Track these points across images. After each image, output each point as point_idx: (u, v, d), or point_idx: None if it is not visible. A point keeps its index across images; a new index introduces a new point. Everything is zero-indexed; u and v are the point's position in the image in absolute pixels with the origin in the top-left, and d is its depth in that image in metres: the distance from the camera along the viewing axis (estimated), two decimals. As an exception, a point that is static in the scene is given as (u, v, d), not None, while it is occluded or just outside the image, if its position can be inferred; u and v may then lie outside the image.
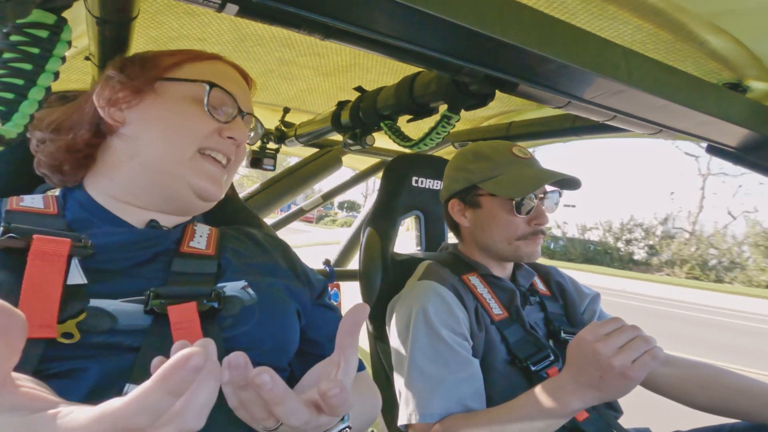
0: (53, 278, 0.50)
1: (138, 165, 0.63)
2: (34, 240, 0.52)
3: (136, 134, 0.63)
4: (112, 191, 0.64)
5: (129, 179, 0.63)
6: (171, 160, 0.62)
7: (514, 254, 1.01)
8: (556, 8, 0.70)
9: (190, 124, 0.63)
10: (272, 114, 1.54)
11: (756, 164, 0.85)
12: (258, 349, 0.58)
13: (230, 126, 0.66)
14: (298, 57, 1.06)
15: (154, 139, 0.62)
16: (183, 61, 0.66)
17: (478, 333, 0.94)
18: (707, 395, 0.95)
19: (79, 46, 0.89)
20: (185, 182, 0.63)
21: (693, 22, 0.68)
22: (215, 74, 0.67)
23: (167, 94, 0.64)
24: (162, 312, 0.53)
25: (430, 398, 0.85)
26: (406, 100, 0.88)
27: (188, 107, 0.63)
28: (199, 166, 0.64)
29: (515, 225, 0.99)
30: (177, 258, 0.61)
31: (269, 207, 1.75)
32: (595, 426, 0.89)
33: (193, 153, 0.63)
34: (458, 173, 1.06)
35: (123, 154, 0.63)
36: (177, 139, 0.63)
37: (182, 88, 0.64)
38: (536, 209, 0.99)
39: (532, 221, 0.99)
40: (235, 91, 0.67)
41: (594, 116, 0.80)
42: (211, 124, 0.64)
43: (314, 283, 0.74)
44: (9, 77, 0.46)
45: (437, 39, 0.51)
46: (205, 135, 0.64)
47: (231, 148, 0.67)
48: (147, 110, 0.63)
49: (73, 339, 0.47)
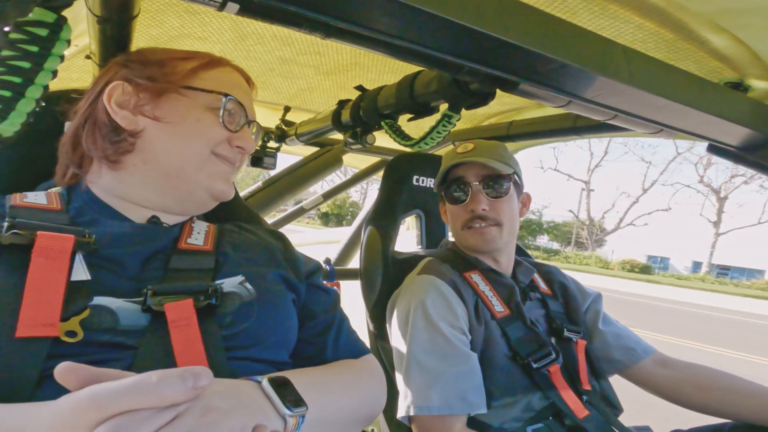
0: (57, 275, 0.50)
1: (152, 169, 0.63)
2: (38, 236, 0.52)
3: (151, 139, 0.63)
4: (118, 191, 0.64)
5: (141, 182, 0.64)
6: (187, 166, 0.64)
7: (467, 245, 1.07)
8: (557, 7, 0.70)
9: (206, 131, 0.65)
10: (273, 113, 1.54)
11: (757, 164, 0.85)
12: (259, 345, 0.58)
13: (239, 135, 0.68)
14: (298, 56, 1.06)
15: (171, 145, 0.63)
16: (198, 69, 0.67)
17: (477, 327, 0.94)
18: (703, 396, 0.97)
19: (79, 45, 0.89)
20: (201, 186, 0.66)
21: (694, 21, 0.68)
22: (228, 83, 0.69)
23: (186, 102, 0.65)
24: (159, 309, 0.53)
25: (429, 391, 0.86)
26: (406, 99, 0.88)
27: (204, 115, 0.65)
28: (214, 168, 0.66)
29: (457, 215, 1.06)
30: (175, 255, 0.61)
31: (270, 206, 1.75)
32: (596, 424, 0.89)
33: (207, 157, 0.65)
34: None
35: (136, 158, 0.64)
36: (194, 146, 0.64)
37: (200, 96, 0.65)
38: (472, 197, 1.03)
39: (467, 207, 1.04)
40: (245, 100, 0.69)
41: (595, 115, 0.80)
42: (223, 133, 0.66)
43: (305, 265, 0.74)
44: (7, 75, 0.46)
45: (438, 38, 0.51)
46: (217, 143, 0.66)
47: (238, 156, 0.69)
48: (165, 117, 0.63)
49: (76, 337, 0.48)
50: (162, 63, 0.66)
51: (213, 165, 0.66)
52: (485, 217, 1.01)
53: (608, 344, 1.09)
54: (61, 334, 0.47)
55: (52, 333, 0.46)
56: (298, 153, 1.95)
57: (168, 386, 0.36)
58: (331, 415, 0.57)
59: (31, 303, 0.47)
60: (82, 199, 0.64)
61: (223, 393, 0.44)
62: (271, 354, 0.60)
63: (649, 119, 0.71)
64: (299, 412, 0.48)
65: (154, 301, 0.53)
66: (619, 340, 1.09)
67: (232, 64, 0.73)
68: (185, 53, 0.69)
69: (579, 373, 0.98)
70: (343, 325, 0.73)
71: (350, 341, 0.72)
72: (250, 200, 1.70)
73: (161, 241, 0.62)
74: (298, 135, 1.47)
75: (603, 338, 1.10)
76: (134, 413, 0.35)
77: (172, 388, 0.36)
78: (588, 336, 1.08)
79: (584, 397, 0.95)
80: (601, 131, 1.17)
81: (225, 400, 0.43)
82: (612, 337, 1.09)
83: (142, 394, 0.35)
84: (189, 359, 0.50)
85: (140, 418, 0.35)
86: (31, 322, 0.46)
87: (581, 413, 0.89)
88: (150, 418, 0.36)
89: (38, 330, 0.46)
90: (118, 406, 0.35)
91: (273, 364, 0.60)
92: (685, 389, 0.99)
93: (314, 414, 0.52)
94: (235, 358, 0.55)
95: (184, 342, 0.51)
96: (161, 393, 0.35)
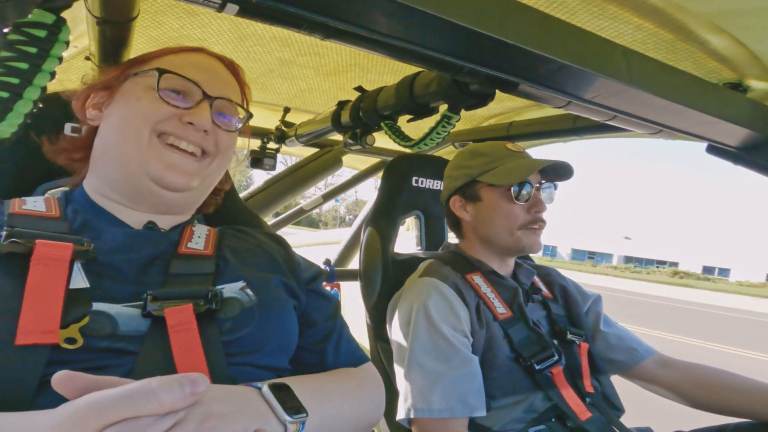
0: (55, 283, 0.50)
1: (108, 157, 0.63)
2: (36, 245, 0.52)
3: (104, 127, 0.65)
4: (99, 188, 0.65)
5: (105, 173, 0.64)
6: (128, 147, 0.61)
7: (517, 245, 1.02)
8: (556, 8, 0.70)
9: (144, 109, 0.62)
10: (272, 114, 1.54)
11: (756, 164, 0.85)
12: (260, 351, 0.58)
13: (191, 111, 0.63)
14: (298, 57, 1.06)
15: (114, 128, 0.63)
16: (157, 56, 0.67)
17: (479, 330, 0.94)
18: (704, 395, 0.99)
19: (79, 46, 0.89)
20: (143, 170, 0.61)
21: (693, 21, 0.68)
22: (184, 64, 0.65)
23: (130, 86, 0.65)
24: (159, 315, 0.52)
25: (429, 393, 0.85)
26: (406, 100, 0.88)
27: (145, 95, 0.63)
28: (159, 154, 0.62)
29: (515, 213, 1.01)
30: (175, 260, 0.61)
31: (269, 207, 1.75)
32: (598, 425, 0.89)
33: (149, 139, 0.61)
34: (457, 171, 1.08)
35: (98, 149, 0.65)
36: (131, 125, 0.62)
37: (141, 79, 0.64)
38: (534, 197, 1.01)
39: (531, 209, 1.01)
40: (201, 77, 0.65)
41: (594, 116, 0.80)
42: (167, 109, 0.62)
43: (306, 271, 0.74)
44: (4, 76, 0.45)
45: (438, 39, 0.51)
46: (158, 119, 0.62)
47: (196, 135, 0.63)
48: (114, 104, 0.65)
49: (76, 344, 0.47)
50: (137, 60, 0.67)
51: (158, 151, 0.61)
52: (543, 220, 1.02)
53: (611, 345, 1.09)
54: (60, 341, 0.47)
55: (51, 340, 0.46)
56: (298, 154, 1.95)
57: (167, 392, 0.36)
58: (331, 423, 0.56)
59: (31, 310, 0.47)
60: (78, 202, 0.64)
61: (224, 398, 0.44)
62: (271, 360, 0.60)
63: (649, 120, 0.71)
64: (299, 419, 0.48)
65: (154, 306, 0.52)
66: (621, 341, 1.09)
67: (209, 51, 0.71)
68: (178, 48, 0.69)
69: (582, 375, 0.98)
70: (343, 333, 0.72)
71: (350, 349, 0.72)
72: (249, 201, 1.70)
73: (160, 246, 0.62)
74: (297, 136, 1.47)
75: (605, 339, 1.10)
76: (134, 420, 0.35)
77: (172, 394, 0.36)
78: (590, 338, 1.08)
79: (587, 399, 0.95)
80: (601, 132, 1.17)
81: (225, 405, 0.43)
82: (614, 338, 1.10)
83: (142, 401, 0.35)
84: (189, 364, 0.50)
85: (141, 426, 0.35)
86: (31, 330, 0.46)
87: (584, 415, 0.89)
88: (150, 425, 0.35)
89: (38, 337, 0.46)
90: (118, 414, 0.35)
91: (273, 370, 0.60)
92: (685, 388, 1.01)
93: (314, 421, 0.52)
94: (235, 364, 0.55)
95: (184, 347, 0.51)
96: (161, 399, 0.35)
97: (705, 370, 1.02)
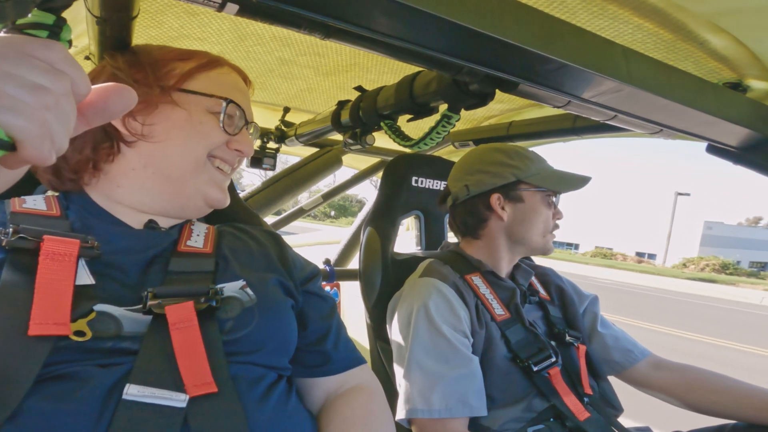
0: (64, 278, 0.50)
1: (152, 174, 0.63)
2: (44, 241, 0.52)
3: (151, 143, 0.63)
4: (117, 196, 0.64)
5: (141, 187, 0.64)
6: (186, 170, 0.64)
7: (544, 247, 1.07)
8: (556, 8, 0.70)
9: (206, 134, 0.65)
10: (272, 113, 1.54)
11: (756, 163, 0.85)
12: (260, 350, 0.58)
13: (238, 138, 0.68)
14: (298, 56, 1.06)
15: (172, 149, 0.63)
16: (195, 71, 0.67)
17: (478, 330, 0.94)
18: (695, 397, 1.01)
19: (79, 46, 0.89)
20: (198, 191, 0.65)
21: (693, 21, 0.68)
22: (227, 86, 0.68)
23: (185, 105, 0.64)
24: (160, 312, 0.52)
25: (429, 394, 0.85)
26: (406, 100, 0.88)
27: (206, 119, 0.65)
28: (212, 177, 0.66)
29: (549, 219, 1.06)
30: (174, 258, 0.61)
31: (269, 206, 1.75)
32: (597, 425, 0.89)
33: (204, 162, 0.65)
34: (500, 168, 1.05)
35: (135, 162, 0.63)
36: (194, 149, 0.64)
37: (200, 100, 0.65)
38: (557, 206, 1.07)
39: (556, 216, 1.07)
40: (243, 102, 0.69)
41: (594, 116, 0.80)
42: (222, 137, 0.66)
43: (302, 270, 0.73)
44: None
45: (437, 38, 0.51)
46: (215, 145, 0.66)
47: (236, 158, 0.70)
48: (164, 121, 0.63)
49: (85, 337, 0.48)
50: (156, 65, 0.65)
51: (209, 171, 0.66)
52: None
53: (607, 346, 1.10)
54: (71, 333, 0.47)
55: (63, 331, 0.47)
56: (298, 154, 1.95)
57: None
58: None
59: (42, 303, 0.47)
60: (80, 204, 0.63)
61: None
62: (271, 359, 0.60)
63: (649, 119, 0.71)
64: None
65: (155, 304, 0.53)
66: (617, 342, 1.10)
67: (230, 64, 0.72)
68: (182, 53, 0.68)
69: (581, 377, 0.99)
70: (341, 333, 0.73)
71: (348, 350, 0.72)
72: (249, 201, 1.70)
73: (161, 244, 0.62)
74: (297, 136, 1.47)
75: (602, 341, 1.10)
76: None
77: None
78: (586, 339, 1.09)
79: (585, 399, 0.95)
80: (601, 132, 1.17)
81: None
82: (611, 339, 1.10)
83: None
84: (190, 361, 0.50)
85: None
86: (43, 321, 0.46)
87: (582, 415, 0.89)
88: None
89: (50, 328, 0.46)
90: None
91: (273, 369, 0.60)
92: (677, 390, 1.03)
93: None
94: (236, 362, 0.55)
95: (185, 344, 0.51)
96: None
97: (697, 373, 1.03)
